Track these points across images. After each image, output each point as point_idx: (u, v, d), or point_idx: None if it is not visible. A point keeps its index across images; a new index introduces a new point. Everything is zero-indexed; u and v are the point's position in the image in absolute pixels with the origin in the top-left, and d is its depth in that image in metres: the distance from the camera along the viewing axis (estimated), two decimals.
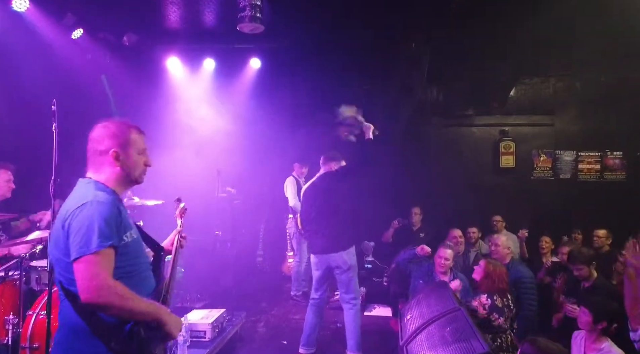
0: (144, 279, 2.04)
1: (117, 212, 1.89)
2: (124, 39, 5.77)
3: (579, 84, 7.50)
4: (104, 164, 2.00)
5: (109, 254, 1.81)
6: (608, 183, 7.43)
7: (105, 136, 2.00)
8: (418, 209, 6.86)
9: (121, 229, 1.90)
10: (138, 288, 1.91)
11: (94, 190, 1.93)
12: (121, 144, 2.01)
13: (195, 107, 6.89)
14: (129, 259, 1.93)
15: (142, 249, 2.10)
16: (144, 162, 2.11)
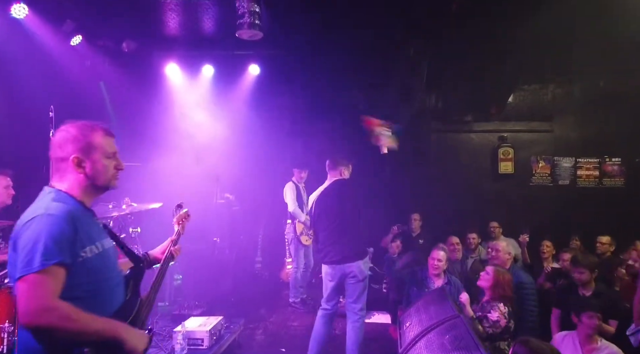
0: (109, 296, 1.88)
1: (71, 226, 1.71)
2: (123, 46, 5.79)
3: (577, 90, 7.53)
4: (66, 172, 1.85)
5: (56, 273, 1.65)
6: (607, 189, 7.44)
7: (66, 141, 1.84)
8: (417, 216, 6.86)
9: (77, 244, 1.73)
10: (101, 306, 1.79)
11: (50, 201, 1.77)
12: (83, 148, 1.85)
13: (194, 113, 6.91)
14: (89, 275, 1.77)
15: (109, 262, 1.91)
16: (114, 166, 1.93)
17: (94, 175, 1.87)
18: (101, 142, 1.89)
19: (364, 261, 4.22)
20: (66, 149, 1.84)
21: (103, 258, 1.86)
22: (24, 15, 4.39)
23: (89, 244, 1.79)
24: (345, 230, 4.21)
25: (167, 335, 4.60)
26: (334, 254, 4.22)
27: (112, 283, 1.91)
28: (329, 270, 4.29)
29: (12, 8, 4.30)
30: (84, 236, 1.76)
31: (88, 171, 1.85)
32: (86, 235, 1.78)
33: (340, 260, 4.19)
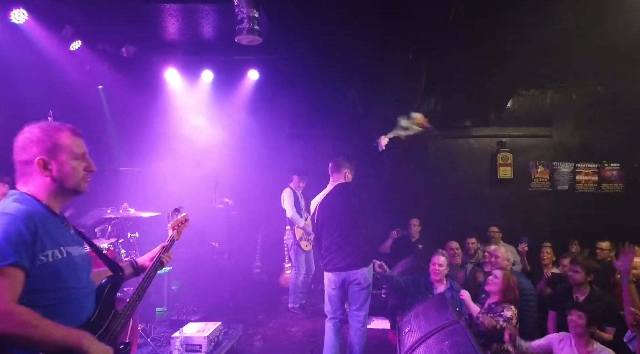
0: (76, 306, 1.74)
1: (29, 227, 1.60)
2: (123, 51, 5.80)
3: (575, 95, 7.55)
4: (31, 175, 1.74)
5: (12, 275, 1.53)
6: (605, 195, 7.44)
7: (30, 142, 1.73)
8: (417, 221, 6.85)
9: (36, 247, 1.60)
10: (67, 317, 1.67)
11: (10, 202, 1.67)
12: (48, 149, 1.73)
13: (193, 118, 6.91)
14: (52, 282, 1.66)
15: (77, 270, 1.77)
16: (84, 167, 1.82)
17: (61, 177, 1.75)
18: (68, 143, 1.78)
19: (368, 269, 4.15)
20: (30, 151, 1.73)
21: (69, 265, 1.73)
22: (23, 20, 4.40)
23: (51, 248, 1.66)
24: (351, 236, 4.11)
25: (165, 341, 4.58)
26: (339, 260, 4.10)
27: (79, 293, 1.77)
28: (332, 277, 4.15)
29: (12, 13, 4.30)
30: (45, 238, 1.64)
31: (55, 173, 1.74)
32: (48, 238, 1.66)
33: (345, 267, 4.08)
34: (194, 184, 6.23)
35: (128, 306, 1.96)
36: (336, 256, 4.12)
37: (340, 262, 4.09)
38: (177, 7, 5.00)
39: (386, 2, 4.76)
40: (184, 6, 4.99)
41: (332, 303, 4.21)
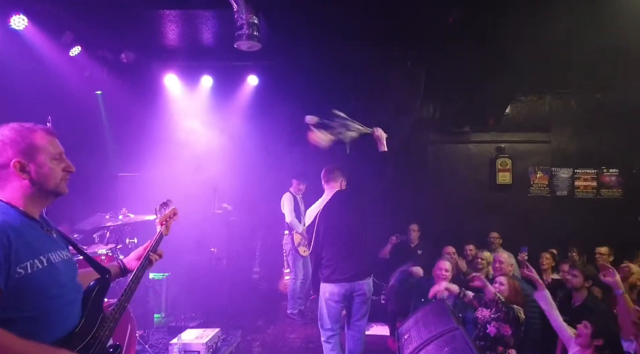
0: (59, 316, 1.65)
1: (2, 240, 1.50)
2: (122, 57, 5.81)
3: (574, 102, 7.58)
4: (8, 179, 1.64)
5: None
6: (604, 200, 7.45)
7: (4, 145, 1.64)
8: (416, 226, 6.84)
9: (12, 261, 1.51)
10: (49, 328, 1.60)
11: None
12: (24, 151, 1.65)
13: (192, 123, 6.92)
14: (32, 294, 1.56)
15: (59, 277, 1.68)
16: (62, 168, 1.74)
17: (40, 180, 1.67)
18: (44, 143, 1.70)
19: (371, 278, 4.04)
20: (5, 154, 1.63)
21: (50, 273, 1.64)
22: (23, 26, 4.40)
23: (30, 259, 1.57)
24: (356, 245, 3.96)
25: (164, 348, 4.56)
26: (345, 271, 3.90)
27: (63, 301, 1.67)
28: (336, 289, 3.89)
29: (12, 19, 4.30)
30: (21, 249, 1.55)
31: (33, 175, 1.66)
32: (26, 248, 1.57)
33: (352, 277, 3.90)
34: (193, 189, 6.22)
35: (116, 309, 1.89)
36: (342, 266, 3.90)
37: (347, 272, 3.90)
38: (176, 13, 5.02)
39: (386, 9, 4.77)
40: (183, 12, 5.01)
41: (331, 317, 3.97)
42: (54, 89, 5.01)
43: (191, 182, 6.32)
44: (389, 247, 6.82)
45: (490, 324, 3.77)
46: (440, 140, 7.94)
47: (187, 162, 6.53)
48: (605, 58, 5.82)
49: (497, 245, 6.38)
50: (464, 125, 7.81)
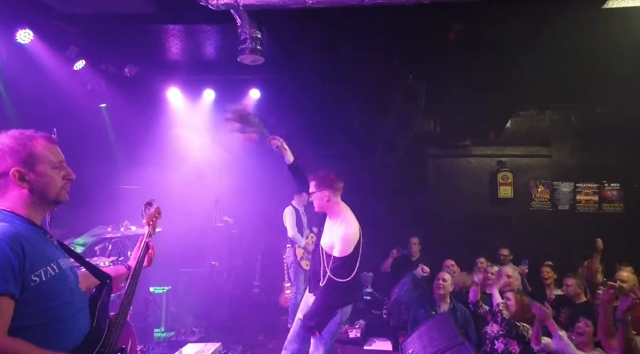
0: (71, 323, 1.66)
1: (17, 249, 1.51)
2: (126, 71, 5.85)
3: (574, 116, 7.62)
4: (7, 188, 1.64)
5: (1, 306, 1.45)
6: (606, 215, 7.43)
7: (3, 154, 1.63)
8: (416, 239, 6.81)
9: (27, 269, 1.52)
10: (62, 336, 1.60)
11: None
12: (24, 160, 1.64)
13: (194, 137, 6.94)
14: (45, 301, 1.57)
15: (68, 284, 1.69)
16: (62, 176, 1.74)
17: (40, 189, 1.67)
18: (44, 152, 1.69)
19: None
20: (4, 163, 1.63)
21: (61, 280, 1.65)
22: (28, 40, 4.45)
23: (43, 266, 1.58)
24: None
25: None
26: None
27: (74, 308, 1.69)
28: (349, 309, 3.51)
29: (18, 34, 4.36)
30: (35, 257, 1.56)
31: (33, 184, 1.65)
32: (38, 256, 1.58)
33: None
34: (194, 202, 6.22)
35: (120, 313, 1.92)
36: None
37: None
38: (180, 28, 5.08)
39: (387, 25, 4.83)
40: (187, 27, 5.07)
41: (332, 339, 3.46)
42: (59, 101, 5.05)
43: (193, 195, 6.32)
44: (389, 260, 6.79)
45: (498, 340, 3.73)
46: (441, 154, 7.96)
47: (189, 175, 6.54)
48: (605, 73, 5.87)
49: (508, 262, 6.27)
50: (465, 139, 7.85)
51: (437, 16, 4.50)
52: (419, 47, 5.53)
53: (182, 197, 6.32)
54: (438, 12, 4.21)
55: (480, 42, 5.16)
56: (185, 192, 6.39)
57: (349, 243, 3.35)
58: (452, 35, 5.13)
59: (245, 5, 3.80)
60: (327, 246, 3.43)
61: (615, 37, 4.80)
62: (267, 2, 3.71)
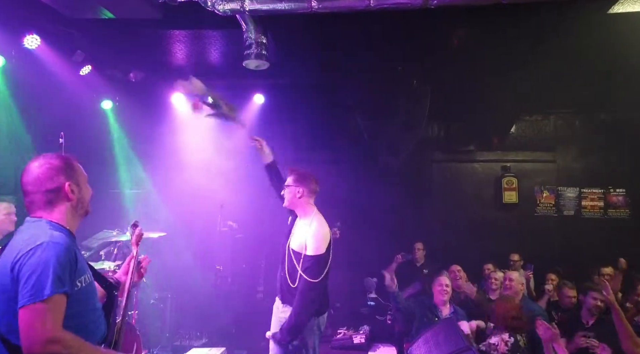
0: (95, 325, 1.90)
1: (73, 256, 1.75)
2: (131, 76, 5.89)
3: (579, 121, 7.60)
4: (58, 202, 1.87)
5: (61, 302, 1.68)
6: (612, 220, 7.39)
7: (56, 172, 1.87)
8: (421, 245, 6.79)
9: (76, 274, 1.76)
10: (89, 336, 1.81)
11: (51, 230, 1.78)
12: (72, 176, 1.91)
13: (198, 141, 6.96)
14: (81, 305, 1.80)
15: (95, 293, 1.96)
16: (90, 192, 2.02)
17: (80, 201, 1.94)
18: (80, 169, 1.98)
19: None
20: (58, 180, 1.87)
21: (92, 288, 1.92)
22: (36, 46, 4.49)
23: (83, 274, 1.83)
24: None
25: None
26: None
27: (98, 313, 1.94)
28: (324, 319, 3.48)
29: (25, 39, 4.41)
30: (80, 266, 1.81)
31: (78, 197, 1.92)
32: (82, 265, 1.83)
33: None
34: (199, 206, 6.22)
35: (122, 321, 2.16)
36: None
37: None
38: (186, 33, 5.11)
39: (392, 30, 4.84)
40: (192, 32, 5.10)
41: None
42: (65, 106, 5.08)
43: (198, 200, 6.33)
44: (394, 265, 6.75)
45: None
46: (445, 159, 7.94)
47: (193, 180, 6.55)
48: (610, 78, 5.87)
49: (518, 267, 6.19)
50: (469, 144, 7.83)
51: (442, 21, 4.51)
52: (423, 52, 5.54)
53: (187, 201, 6.33)
54: (443, 17, 4.22)
55: (485, 47, 5.17)
56: (190, 197, 6.40)
57: (322, 241, 3.27)
58: (457, 42, 5.15)
59: (252, 10, 3.82)
60: (298, 246, 3.33)
61: (620, 42, 4.80)
62: (273, 8, 3.73)
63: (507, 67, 5.55)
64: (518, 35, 4.83)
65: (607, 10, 4.11)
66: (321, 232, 3.33)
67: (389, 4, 3.55)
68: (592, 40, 4.83)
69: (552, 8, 4.07)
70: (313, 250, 3.24)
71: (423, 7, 3.58)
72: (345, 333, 5.85)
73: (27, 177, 1.86)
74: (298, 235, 3.41)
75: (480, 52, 5.27)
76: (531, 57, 5.26)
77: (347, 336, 5.77)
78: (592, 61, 5.37)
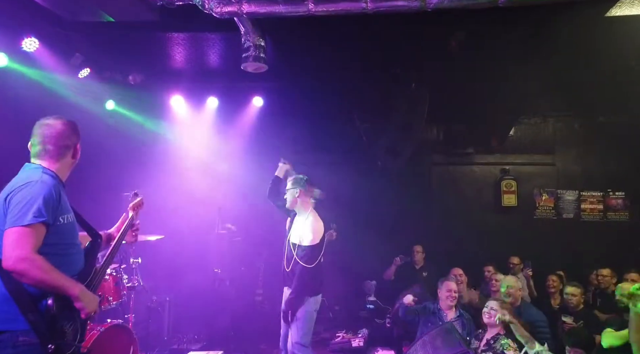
0: (72, 259, 2.26)
1: (56, 195, 2.14)
2: (130, 78, 5.89)
3: (578, 124, 7.60)
4: (64, 156, 2.32)
5: (39, 230, 2.03)
6: (611, 223, 7.38)
7: (71, 132, 2.36)
8: (420, 248, 6.77)
9: (58, 211, 2.14)
10: (65, 266, 2.16)
11: (41, 174, 2.19)
12: (79, 139, 2.42)
13: (197, 143, 6.96)
14: (61, 239, 2.18)
15: (75, 233, 2.32)
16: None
17: (76, 160, 2.43)
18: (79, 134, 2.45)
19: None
20: (72, 139, 2.36)
21: (72, 227, 2.30)
22: (34, 48, 4.49)
23: (65, 213, 2.23)
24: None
25: None
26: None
27: (77, 250, 2.33)
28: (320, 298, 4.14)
29: (24, 42, 4.40)
30: (63, 205, 2.21)
31: (77, 156, 2.42)
32: (65, 205, 2.24)
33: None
34: (197, 209, 6.21)
35: (101, 267, 2.51)
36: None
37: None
38: (184, 36, 5.11)
39: (390, 33, 4.84)
40: (191, 35, 5.10)
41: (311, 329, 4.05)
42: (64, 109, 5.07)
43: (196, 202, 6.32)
44: (393, 268, 6.75)
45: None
46: (444, 161, 7.93)
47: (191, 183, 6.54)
48: (609, 81, 5.86)
49: (518, 271, 6.17)
50: (468, 147, 7.82)
51: (439, 24, 4.51)
52: (421, 54, 5.54)
53: (185, 204, 6.32)
54: (440, 20, 4.22)
55: (483, 50, 5.17)
56: (188, 199, 6.39)
57: (317, 233, 3.99)
58: (455, 43, 5.14)
59: (249, 13, 3.81)
60: (297, 239, 4.02)
61: (618, 45, 4.80)
62: (271, 10, 3.73)
63: (505, 69, 5.55)
64: (516, 38, 4.83)
65: (605, 14, 4.11)
66: (316, 225, 4.05)
67: (385, 6, 3.55)
68: (590, 43, 4.83)
69: (550, 11, 4.07)
70: (309, 241, 3.94)
71: (420, 10, 3.58)
72: (343, 336, 5.84)
73: (49, 131, 2.29)
74: (297, 230, 4.10)
75: (479, 55, 5.26)
76: (529, 60, 5.26)
77: (345, 339, 5.76)
78: (591, 64, 5.37)
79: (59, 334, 2.06)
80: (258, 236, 7.34)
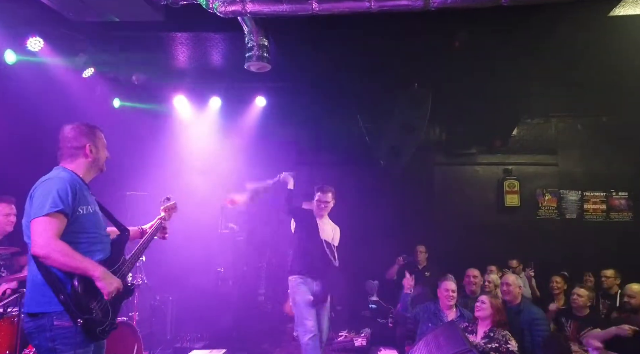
0: (97, 247, 2.46)
1: (73, 188, 2.37)
2: (133, 78, 5.91)
3: (580, 124, 7.59)
4: (78, 157, 2.53)
5: (58, 218, 2.27)
6: (614, 223, 7.37)
7: (82, 134, 2.55)
8: (423, 248, 6.77)
9: (76, 202, 2.37)
10: (91, 253, 2.39)
11: (60, 172, 2.46)
12: (93, 140, 2.57)
13: (200, 143, 6.97)
14: (84, 228, 2.41)
15: (99, 224, 2.55)
16: (106, 155, 2.68)
17: (96, 160, 2.60)
18: (101, 137, 2.65)
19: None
20: (81, 140, 2.54)
21: (95, 217, 2.52)
22: (39, 48, 4.52)
23: (84, 205, 2.44)
24: None
25: None
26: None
27: (102, 239, 2.53)
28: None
29: (28, 41, 4.43)
30: (81, 198, 2.42)
31: (95, 157, 2.58)
32: (83, 198, 2.44)
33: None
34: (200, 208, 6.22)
35: (132, 257, 2.73)
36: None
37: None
38: (188, 36, 5.12)
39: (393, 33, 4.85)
40: (194, 35, 5.11)
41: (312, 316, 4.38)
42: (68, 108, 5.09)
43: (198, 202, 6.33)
44: (395, 267, 6.74)
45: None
46: (447, 162, 7.93)
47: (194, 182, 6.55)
48: (611, 81, 5.86)
49: (519, 273, 6.17)
50: (471, 147, 7.82)
51: (442, 24, 4.52)
52: (424, 54, 5.54)
53: (188, 203, 6.31)
54: (444, 20, 4.22)
55: (486, 50, 5.17)
56: (190, 199, 6.39)
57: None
58: (457, 44, 5.14)
59: (253, 12, 3.82)
60: (330, 238, 4.57)
61: (622, 45, 4.79)
62: (275, 9, 3.73)
63: (508, 69, 5.55)
64: (519, 38, 4.82)
65: (609, 13, 4.11)
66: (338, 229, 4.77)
67: (389, 5, 3.55)
68: (594, 43, 4.83)
69: (553, 10, 4.07)
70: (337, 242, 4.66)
71: (424, 9, 3.58)
72: (346, 336, 5.85)
73: (61, 136, 2.55)
74: (327, 230, 4.64)
75: (482, 55, 5.26)
76: (532, 60, 5.26)
77: (348, 338, 5.76)
78: (594, 64, 5.36)
79: (87, 310, 2.28)
80: (260, 235, 7.35)
